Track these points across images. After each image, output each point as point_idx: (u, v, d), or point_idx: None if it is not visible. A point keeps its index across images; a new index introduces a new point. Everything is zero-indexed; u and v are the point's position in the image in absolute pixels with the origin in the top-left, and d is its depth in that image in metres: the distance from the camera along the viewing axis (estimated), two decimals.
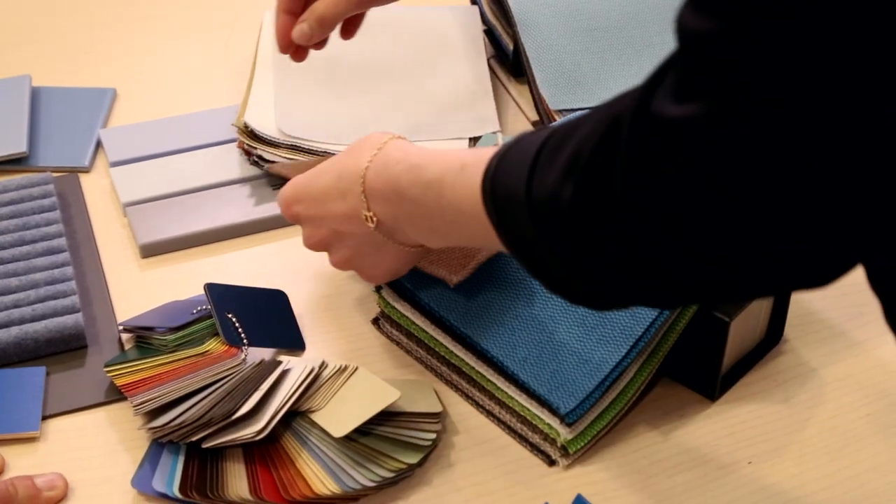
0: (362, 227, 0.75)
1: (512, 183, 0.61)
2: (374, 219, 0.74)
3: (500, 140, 1.01)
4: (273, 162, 0.97)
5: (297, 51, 0.95)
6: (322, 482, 0.72)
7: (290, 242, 0.94)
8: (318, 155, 0.98)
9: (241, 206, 0.96)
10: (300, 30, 0.92)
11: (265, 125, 1.00)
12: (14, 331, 0.83)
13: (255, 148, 0.98)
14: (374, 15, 0.98)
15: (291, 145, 0.99)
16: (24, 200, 0.95)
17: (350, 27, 0.97)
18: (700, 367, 0.80)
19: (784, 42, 0.47)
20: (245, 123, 0.99)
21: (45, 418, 0.79)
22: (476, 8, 1.13)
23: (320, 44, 0.95)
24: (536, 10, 1.07)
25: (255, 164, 0.99)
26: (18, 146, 1.02)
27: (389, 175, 0.73)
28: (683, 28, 0.51)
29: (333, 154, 0.91)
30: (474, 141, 1.02)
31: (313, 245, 0.82)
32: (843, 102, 0.47)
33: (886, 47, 0.46)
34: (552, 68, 1.03)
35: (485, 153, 0.67)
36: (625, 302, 0.64)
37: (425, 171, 0.71)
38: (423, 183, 0.70)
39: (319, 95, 1.05)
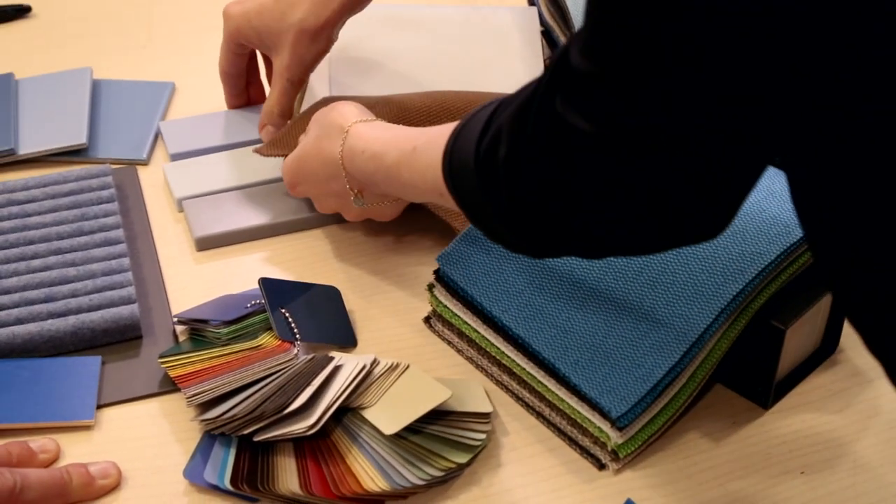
0: (354, 198, 0.87)
1: (465, 154, 0.70)
2: (361, 194, 0.86)
3: None
4: None
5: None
6: (372, 479, 0.72)
7: (344, 239, 0.95)
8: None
9: (297, 202, 0.96)
10: (268, 132, 1.00)
11: None
12: (71, 320, 0.84)
13: None
14: (431, 13, 0.98)
15: None
16: (83, 191, 0.96)
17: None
18: (754, 375, 0.79)
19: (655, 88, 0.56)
20: None
21: (99, 407, 0.80)
22: (534, 9, 1.13)
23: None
24: None
25: None
26: (79, 138, 1.03)
27: (359, 165, 0.83)
28: (571, 63, 0.59)
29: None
30: None
31: (326, 210, 0.92)
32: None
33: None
34: None
35: (432, 133, 0.77)
36: (555, 252, 0.72)
37: (385, 158, 0.81)
38: (384, 169, 0.81)
39: (375, 93, 1.05)
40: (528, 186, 0.65)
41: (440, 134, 0.75)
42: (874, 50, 0.50)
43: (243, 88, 1.06)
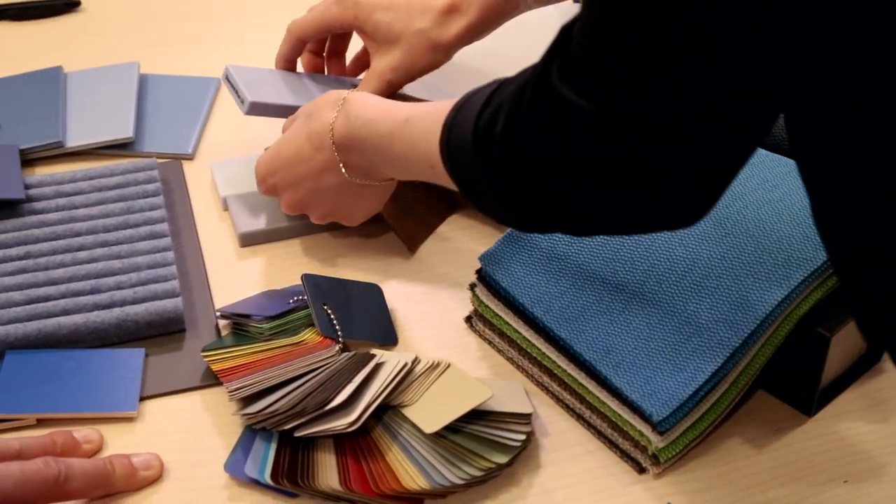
0: (339, 176, 0.86)
1: (464, 127, 0.71)
2: (348, 165, 0.85)
3: None
4: None
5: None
6: (412, 477, 0.73)
7: (387, 237, 0.95)
8: None
9: None
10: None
11: None
12: (116, 312, 0.85)
13: None
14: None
15: None
16: (129, 185, 0.97)
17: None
18: (798, 382, 0.79)
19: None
20: None
21: (142, 399, 0.81)
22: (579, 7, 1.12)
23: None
24: None
25: None
26: (125, 131, 1.04)
27: (351, 128, 0.83)
28: (574, 43, 0.60)
29: None
30: None
31: (293, 207, 0.89)
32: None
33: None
34: None
35: (427, 107, 0.79)
36: (544, 227, 0.73)
37: (379, 125, 0.81)
38: (378, 135, 0.81)
39: (436, 97, 1.05)
40: (523, 161, 0.66)
41: (436, 108, 0.77)
42: (886, 43, 0.50)
43: (295, 59, 1.02)
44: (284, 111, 0.96)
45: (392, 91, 0.96)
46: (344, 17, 0.97)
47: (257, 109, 0.95)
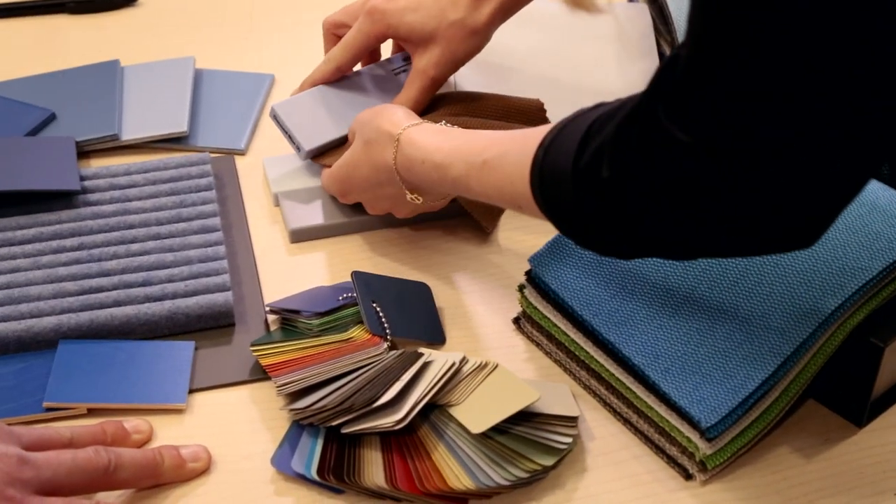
0: (412, 203, 0.88)
1: (559, 168, 0.70)
2: (419, 198, 0.87)
3: None
4: None
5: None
6: (457, 477, 0.73)
7: (437, 236, 0.95)
8: None
9: None
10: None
11: None
12: (167, 304, 0.85)
13: None
14: (542, 9, 0.98)
15: None
16: (182, 179, 0.98)
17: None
18: (849, 392, 0.78)
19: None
20: None
21: (191, 392, 0.82)
22: (644, 5, 1.12)
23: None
24: None
25: None
26: (179, 126, 1.05)
27: (419, 174, 0.84)
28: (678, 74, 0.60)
29: None
30: None
31: (379, 213, 0.93)
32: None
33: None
34: None
35: (504, 144, 0.77)
36: (648, 255, 0.72)
37: (450, 170, 0.81)
38: (450, 179, 0.81)
39: (500, 90, 1.05)
40: (632, 201, 0.65)
41: (513, 144, 0.76)
42: None
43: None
44: (339, 142, 0.98)
45: (437, 87, 0.97)
46: (376, 29, 0.96)
47: (314, 153, 0.97)
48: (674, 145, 0.60)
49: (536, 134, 0.74)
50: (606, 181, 0.65)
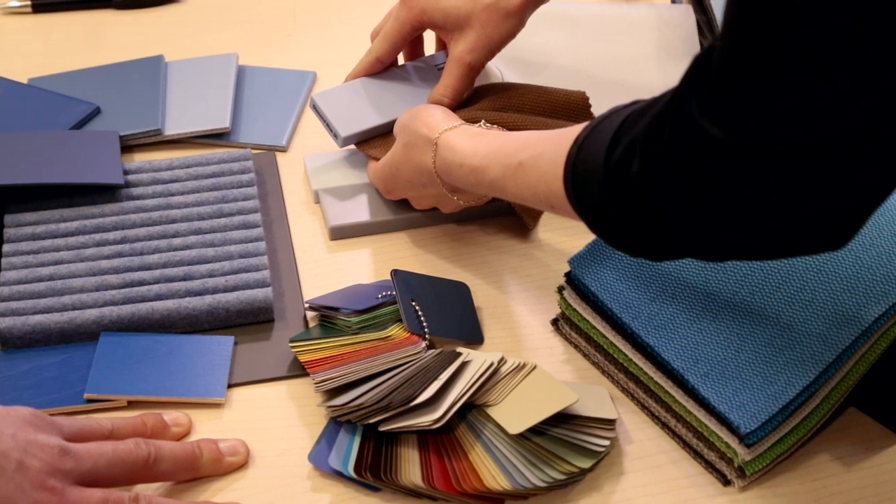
0: (453, 199, 0.89)
1: (591, 165, 0.70)
2: (461, 200, 0.89)
3: None
4: None
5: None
6: (494, 477, 0.73)
7: (476, 235, 0.95)
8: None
9: None
10: None
11: None
12: (207, 299, 0.86)
13: None
14: (587, 10, 0.98)
15: None
16: (224, 174, 0.99)
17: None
18: (891, 400, 0.77)
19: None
20: None
21: (230, 386, 0.82)
22: (688, 6, 1.11)
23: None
24: None
25: None
26: (222, 121, 1.05)
27: (457, 177, 0.85)
28: (712, 70, 0.59)
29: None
30: None
31: (424, 208, 0.94)
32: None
33: None
34: None
35: (537, 146, 0.77)
36: (677, 256, 0.72)
37: (486, 172, 0.81)
38: (487, 182, 0.82)
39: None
40: (662, 198, 0.64)
41: (547, 145, 0.76)
42: None
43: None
44: (377, 130, 0.98)
45: (475, 73, 0.96)
46: (412, 17, 0.96)
47: (351, 140, 0.97)
48: (706, 140, 0.59)
49: (571, 133, 0.74)
50: (636, 177, 0.65)
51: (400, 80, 1.01)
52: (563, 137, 0.74)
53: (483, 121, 0.89)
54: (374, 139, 0.98)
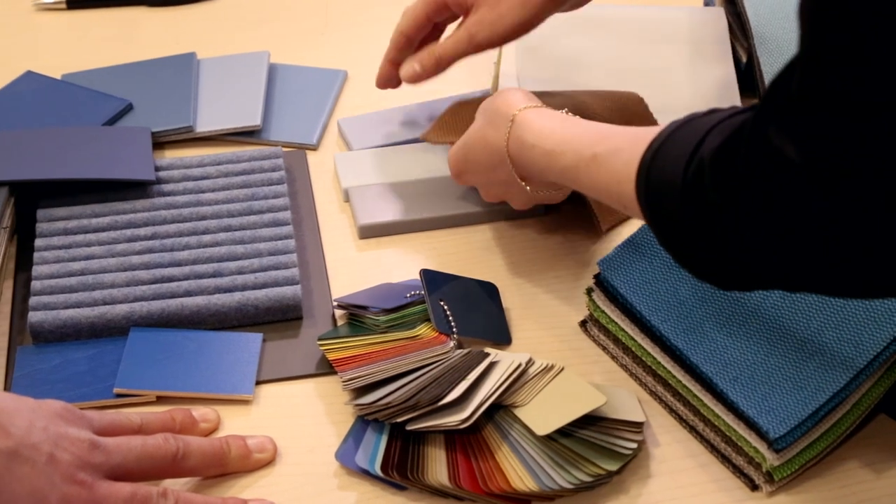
0: (522, 187, 0.85)
1: (668, 176, 0.66)
2: (528, 186, 0.85)
3: None
4: None
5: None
6: (521, 478, 0.72)
7: (505, 236, 0.95)
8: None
9: (461, 198, 0.97)
10: (411, 68, 0.94)
11: None
12: (237, 296, 0.86)
13: None
14: (618, 13, 0.97)
15: None
16: (254, 172, 0.99)
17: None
18: None
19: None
20: None
21: (257, 383, 0.82)
22: (721, 9, 1.11)
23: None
24: (776, 23, 1.04)
25: None
26: (253, 119, 1.06)
27: (528, 158, 0.82)
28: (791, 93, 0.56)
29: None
30: None
31: (492, 199, 0.91)
32: None
33: None
34: None
35: (614, 140, 0.74)
36: (747, 287, 0.68)
37: (559, 158, 0.78)
38: (558, 168, 0.79)
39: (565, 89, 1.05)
40: (740, 225, 0.61)
41: (625, 142, 0.72)
42: None
43: (403, 59, 0.97)
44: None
45: (474, 46, 0.92)
46: None
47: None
48: (782, 164, 0.57)
49: (647, 134, 0.70)
50: (713, 201, 0.62)
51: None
52: (640, 138, 0.70)
53: (566, 109, 0.86)
54: (442, 126, 0.97)
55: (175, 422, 0.76)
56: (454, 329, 0.83)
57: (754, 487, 0.75)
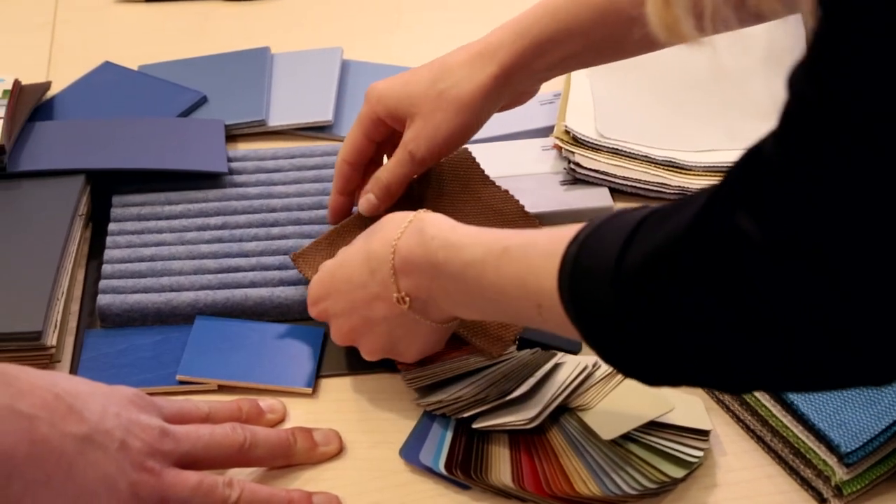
0: (393, 308, 0.74)
1: (596, 269, 0.60)
2: (406, 298, 0.73)
3: None
4: (591, 170, 0.97)
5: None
6: (584, 482, 0.72)
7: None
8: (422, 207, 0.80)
9: (533, 198, 0.96)
10: (367, 202, 0.87)
11: (584, 130, 0.99)
12: (301, 289, 0.86)
13: (574, 153, 0.98)
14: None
15: (612, 149, 0.98)
16: (326, 167, 0.99)
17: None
18: None
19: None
20: (566, 128, 1.00)
21: (320, 377, 0.82)
22: (798, 16, 1.09)
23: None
24: None
25: (571, 171, 0.98)
26: (325, 115, 1.06)
27: (425, 249, 0.72)
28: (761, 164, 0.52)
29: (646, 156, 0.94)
30: None
31: (343, 338, 0.79)
32: None
33: None
34: None
35: (528, 235, 0.68)
36: (677, 383, 0.64)
37: (464, 251, 0.70)
38: (461, 262, 0.70)
39: (637, 100, 1.04)
40: (689, 311, 0.56)
41: (540, 236, 0.68)
42: None
43: (354, 188, 0.90)
44: None
45: (416, 164, 0.86)
46: (369, 107, 0.87)
47: None
48: (750, 250, 0.52)
49: (563, 230, 0.65)
50: (659, 288, 0.56)
51: None
52: (557, 232, 0.65)
53: None
54: (311, 254, 0.89)
55: (242, 412, 0.76)
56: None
57: (822, 501, 0.74)
